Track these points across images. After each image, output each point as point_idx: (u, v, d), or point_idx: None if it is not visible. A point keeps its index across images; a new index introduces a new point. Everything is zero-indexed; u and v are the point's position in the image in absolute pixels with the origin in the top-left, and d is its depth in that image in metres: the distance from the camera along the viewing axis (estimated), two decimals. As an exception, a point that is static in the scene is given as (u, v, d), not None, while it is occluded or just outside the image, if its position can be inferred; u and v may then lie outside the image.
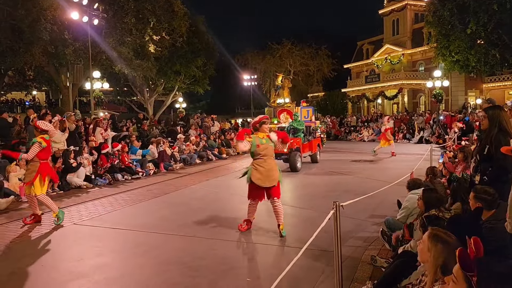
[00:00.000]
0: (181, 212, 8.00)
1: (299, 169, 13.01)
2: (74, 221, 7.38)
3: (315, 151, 15.20)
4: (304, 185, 10.97)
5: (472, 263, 2.07)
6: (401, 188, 7.96)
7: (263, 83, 48.82)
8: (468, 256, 2.11)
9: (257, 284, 4.44)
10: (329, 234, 3.80)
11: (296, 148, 13.35)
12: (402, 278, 3.63)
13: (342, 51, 47.39)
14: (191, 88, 31.83)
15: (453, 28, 23.93)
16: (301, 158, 13.47)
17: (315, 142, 15.34)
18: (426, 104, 37.58)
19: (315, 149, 15.20)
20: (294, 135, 13.76)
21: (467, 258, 2.09)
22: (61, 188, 10.25)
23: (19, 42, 16.83)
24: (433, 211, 4.19)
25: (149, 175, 13.01)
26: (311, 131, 15.33)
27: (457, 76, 31.98)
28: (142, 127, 18.04)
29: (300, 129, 14.03)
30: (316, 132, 15.85)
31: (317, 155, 15.31)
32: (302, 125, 14.25)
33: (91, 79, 19.81)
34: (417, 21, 39.21)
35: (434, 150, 12.59)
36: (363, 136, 27.34)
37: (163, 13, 23.54)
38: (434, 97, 24.90)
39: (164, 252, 5.56)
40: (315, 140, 15.38)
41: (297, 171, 12.87)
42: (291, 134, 13.75)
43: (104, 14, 19.45)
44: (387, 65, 41.24)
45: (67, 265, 5.10)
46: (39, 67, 21.10)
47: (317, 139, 15.68)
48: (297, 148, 13.44)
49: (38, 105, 35.98)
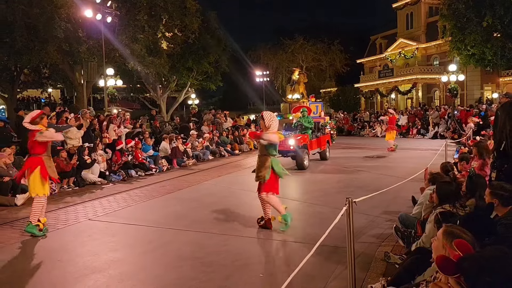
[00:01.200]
0: (194, 208, 8.06)
1: (306, 167, 12.56)
2: (89, 216, 7.48)
3: (324, 148, 14.70)
4: (316, 181, 10.94)
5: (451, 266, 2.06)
6: (415, 184, 7.90)
7: (275, 79, 48.71)
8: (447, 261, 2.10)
9: (269, 280, 4.45)
10: (342, 231, 3.78)
11: (303, 145, 12.86)
12: (416, 274, 3.60)
13: (355, 46, 47.00)
14: (204, 85, 31.89)
15: (469, 21, 23.51)
16: (309, 156, 13.03)
17: (324, 139, 14.82)
18: (441, 99, 37.07)
19: (324, 146, 14.70)
20: (301, 132, 13.42)
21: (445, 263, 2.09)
22: (76, 184, 10.41)
23: (34, 40, 17.06)
24: (448, 206, 4.13)
25: (162, 171, 13.11)
26: (320, 127, 14.89)
27: (472, 70, 31.46)
28: (154, 123, 18.18)
29: (308, 125, 13.59)
30: (325, 128, 15.39)
31: (326, 152, 14.80)
32: (311, 123, 13.83)
33: (105, 76, 20.00)
34: (431, 15, 38.60)
35: (449, 146, 12.42)
36: (377, 132, 27.11)
37: (175, 9, 23.59)
38: (449, 92, 24.54)
39: (177, 247, 5.60)
40: (324, 136, 14.85)
41: (304, 169, 12.43)
42: (298, 130, 13.50)
43: (117, 12, 19.60)
44: (401, 59, 40.74)
45: (83, 259, 5.18)
46: (54, 65, 21.34)
47: (326, 135, 15.16)
48: (304, 145, 12.94)
49: (53, 102, 36.54)
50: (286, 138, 12.26)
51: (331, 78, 51.40)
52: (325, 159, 14.63)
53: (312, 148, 13.55)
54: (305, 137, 13.10)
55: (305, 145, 12.89)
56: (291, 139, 12.36)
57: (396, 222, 5.57)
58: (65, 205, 8.48)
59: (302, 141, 12.77)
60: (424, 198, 5.30)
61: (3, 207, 8.27)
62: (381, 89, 40.20)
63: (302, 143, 12.74)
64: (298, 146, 12.47)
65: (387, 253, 4.78)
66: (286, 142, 12.21)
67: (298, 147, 12.43)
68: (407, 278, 3.64)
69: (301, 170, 12.28)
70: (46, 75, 26.28)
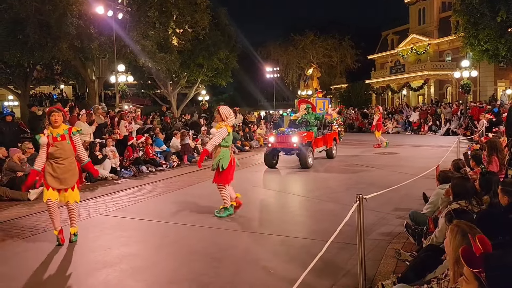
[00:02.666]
0: (204, 203, 8.09)
1: (310, 165, 12.07)
2: (101, 212, 7.56)
3: (331, 146, 14.15)
4: (326, 178, 10.91)
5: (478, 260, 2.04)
6: (426, 181, 7.84)
7: (286, 75, 48.56)
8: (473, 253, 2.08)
9: (280, 276, 4.46)
10: (352, 227, 3.78)
11: (308, 143, 12.33)
12: (427, 271, 3.58)
13: (366, 42, 46.59)
14: (214, 81, 31.98)
15: (483, 16, 23.12)
16: (313, 154, 12.58)
17: (331, 136, 14.29)
18: (453, 95, 36.63)
19: (331, 144, 14.15)
20: (306, 129, 12.96)
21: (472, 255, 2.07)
22: (88, 179, 10.51)
23: (46, 37, 17.24)
24: (463, 203, 4.08)
25: (173, 167, 13.18)
26: (327, 124, 14.33)
27: (486, 66, 31.00)
28: (164, 119, 18.27)
29: (313, 122, 13.16)
30: (332, 125, 14.86)
31: (333, 150, 14.29)
32: (319, 118, 13.44)
33: (116, 73, 20.16)
34: (444, 10, 38.07)
35: (461, 142, 12.28)
36: (388, 128, 26.91)
37: (186, 6, 23.66)
38: (462, 88, 24.20)
39: (188, 243, 5.64)
40: (331, 134, 14.32)
41: (308, 167, 11.95)
42: (303, 127, 13.07)
43: (128, 8, 19.72)
44: (412, 55, 40.31)
45: (95, 254, 5.25)
46: (66, 61, 21.58)
47: (333, 132, 14.61)
48: (309, 142, 12.40)
49: (65, 98, 36.93)
50: (289, 136, 12.12)
51: (341, 74, 51.10)
52: (331, 157, 14.19)
53: (317, 146, 13.12)
54: (309, 134, 12.63)
55: (309, 143, 12.42)
56: (294, 137, 12.03)
57: (407, 219, 5.53)
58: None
59: (306, 139, 12.27)
60: (435, 197, 5.25)
61: (17, 201, 8.40)
62: (393, 85, 39.84)
63: (306, 140, 12.25)
64: (302, 143, 12.05)
65: (397, 250, 4.75)
66: (289, 139, 12.02)
67: (301, 145, 12.02)
68: (418, 275, 3.62)
69: (305, 168, 11.89)
70: (58, 71, 26.59)
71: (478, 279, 2.04)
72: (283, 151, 12.52)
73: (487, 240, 2.12)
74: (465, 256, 2.06)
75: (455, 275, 2.54)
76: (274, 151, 12.44)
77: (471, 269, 2.05)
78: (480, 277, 2.02)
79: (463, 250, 2.08)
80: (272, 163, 12.44)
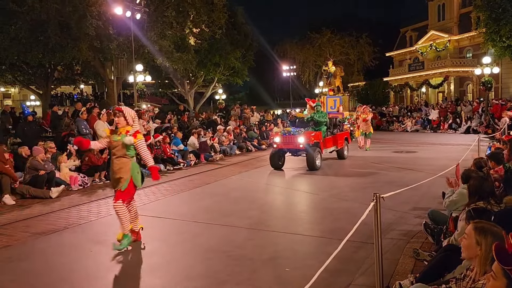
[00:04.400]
0: (221, 202, 8.14)
1: (318, 167, 11.40)
2: (120, 209, 7.67)
3: (342, 146, 13.48)
4: (343, 176, 10.84)
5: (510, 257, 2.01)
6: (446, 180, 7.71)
7: (302, 74, 48.35)
8: (506, 250, 2.04)
9: (296, 274, 4.47)
10: (369, 226, 3.75)
11: (315, 143, 11.63)
12: (445, 272, 3.53)
13: (384, 39, 45.99)
14: (231, 80, 32.06)
15: (504, 11, 22.60)
16: (321, 155, 11.87)
17: (342, 136, 13.64)
18: (474, 93, 35.86)
19: (342, 144, 13.49)
20: (315, 128, 12.19)
21: (505, 252, 2.03)
22: (107, 177, 10.68)
23: (67, 38, 17.56)
24: (481, 203, 4.02)
25: (190, 165, 13.28)
26: (338, 123, 13.76)
27: (508, 62, 30.24)
28: (182, 118, 18.42)
29: (322, 121, 12.30)
30: (343, 125, 14.24)
31: (344, 151, 13.63)
32: (325, 117, 12.57)
33: (134, 72, 20.41)
34: (464, 6, 37.29)
35: (482, 141, 12.04)
36: (406, 126, 26.56)
37: (203, 5, 23.76)
38: (483, 85, 23.72)
39: (205, 240, 5.69)
40: (341, 133, 13.68)
41: (316, 169, 11.29)
42: (311, 127, 12.30)
43: (146, 9, 19.89)
44: (432, 52, 39.61)
45: (114, 251, 5.34)
46: (85, 62, 21.93)
47: (344, 132, 14.03)
48: (316, 143, 11.69)
49: (85, 98, 37.57)
50: (295, 136, 11.51)
51: (359, 72, 50.58)
52: (342, 158, 13.58)
53: (326, 147, 12.43)
54: (317, 134, 11.91)
55: (317, 143, 11.73)
56: (300, 137, 11.44)
57: (426, 219, 5.47)
58: (97, 198, 8.74)
59: (313, 139, 11.60)
60: (458, 196, 5.15)
61: (39, 199, 8.60)
62: (411, 82, 39.23)
63: (313, 141, 11.57)
64: (309, 144, 11.42)
65: (416, 250, 4.70)
66: (296, 140, 11.48)
67: (308, 146, 11.40)
68: (436, 275, 3.58)
69: (312, 170, 11.28)
70: (78, 71, 27.06)
71: (507, 276, 2.01)
72: (290, 152, 12.06)
73: None
74: (498, 253, 2.03)
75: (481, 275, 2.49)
76: (280, 151, 11.96)
77: (503, 266, 2.02)
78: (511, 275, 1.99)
79: (496, 247, 2.05)
80: (278, 165, 11.96)
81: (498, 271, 2.05)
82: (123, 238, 5.24)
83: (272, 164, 11.97)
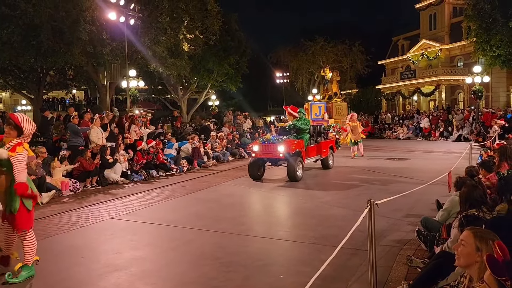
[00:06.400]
0: (214, 208, 8.11)
1: (299, 178, 10.67)
2: (112, 215, 7.62)
3: (326, 155, 12.68)
4: (337, 183, 10.86)
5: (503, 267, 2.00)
6: (438, 188, 7.78)
7: (296, 80, 48.58)
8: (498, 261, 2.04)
9: (289, 281, 4.44)
10: (363, 233, 3.75)
11: (296, 152, 10.90)
12: (439, 278, 3.54)
13: (376, 47, 46.44)
14: (224, 86, 32.14)
15: (495, 21, 22.96)
16: (303, 164, 11.13)
17: (327, 144, 12.86)
18: (465, 101, 36.26)
19: (327, 153, 12.69)
20: (297, 136, 11.46)
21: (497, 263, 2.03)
22: (99, 183, 10.61)
23: (59, 43, 17.47)
24: (473, 210, 4.05)
25: (183, 171, 13.23)
26: (322, 131, 12.96)
27: (498, 71, 30.66)
28: (175, 124, 18.37)
29: (304, 129, 11.55)
30: (328, 133, 13.48)
31: (329, 160, 12.85)
32: (308, 124, 11.80)
33: (127, 78, 20.35)
34: (455, 15, 37.83)
35: (473, 149, 12.15)
36: (398, 134, 26.74)
37: (197, 12, 23.84)
38: (474, 94, 23.98)
39: (197, 247, 5.65)
40: (326, 142, 12.89)
41: (297, 180, 10.57)
42: (293, 135, 11.55)
43: (139, 14, 19.89)
44: (423, 60, 40.07)
45: (105, 257, 5.28)
46: (78, 67, 21.84)
47: (329, 140, 13.22)
48: (298, 152, 10.95)
49: (77, 103, 37.35)
50: (275, 144, 10.87)
51: (352, 80, 50.90)
52: (327, 167, 12.81)
53: (309, 156, 11.71)
54: (299, 142, 11.18)
55: (298, 152, 10.99)
56: (280, 146, 10.70)
57: (419, 226, 5.48)
58: (88, 203, 8.66)
59: (294, 148, 10.84)
60: (449, 204, 5.19)
61: (29, 204, 8.48)
62: (403, 90, 39.59)
63: (294, 149, 10.80)
64: (290, 153, 10.67)
65: (409, 257, 4.71)
66: (275, 148, 10.79)
67: (289, 155, 10.63)
68: (430, 282, 3.59)
69: (293, 181, 10.55)
70: (71, 76, 26.90)
71: (501, 286, 2.00)
72: (269, 162, 11.42)
73: (504, 246, 2.09)
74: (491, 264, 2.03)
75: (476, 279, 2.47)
76: (260, 161, 11.28)
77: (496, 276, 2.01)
78: (506, 285, 1.98)
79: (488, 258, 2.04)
80: (257, 175, 11.19)
81: (492, 281, 2.05)
82: (22, 269, 4.53)
83: (250, 174, 11.22)
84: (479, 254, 2.46)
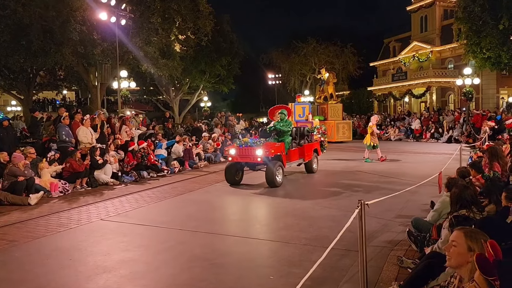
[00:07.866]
0: (205, 209, 8.06)
1: (279, 184, 9.99)
2: (102, 217, 7.53)
3: (310, 159, 11.97)
4: (327, 183, 10.86)
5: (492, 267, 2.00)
6: (429, 188, 7.81)
7: (288, 82, 48.66)
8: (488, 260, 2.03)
9: (280, 282, 4.42)
10: (354, 234, 3.74)
11: (276, 156, 10.19)
12: (429, 279, 3.54)
13: (368, 49, 46.67)
14: (216, 87, 32.10)
15: (485, 24, 23.19)
16: (283, 169, 10.41)
17: (311, 147, 12.15)
18: (455, 103, 36.60)
19: (310, 156, 11.97)
20: (277, 139, 10.84)
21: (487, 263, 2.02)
22: (89, 184, 10.50)
23: (50, 43, 17.32)
24: (464, 211, 4.06)
25: (174, 173, 13.15)
26: (306, 133, 12.19)
27: (488, 73, 30.98)
28: (166, 125, 18.28)
29: (285, 131, 10.92)
30: (312, 135, 12.80)
31: (313, 164, 12.14)
32: (289, 126, 11.11)
33: (119, 79, 20.21)
34: (446, 18, 38.19)
35: (463, 150, 12.23)
36: (390, 135, 26.87)
37: (189, 12, 23.77)
38: (464, 95, 24.20)
39: (188, 248, 5.61)
40: (310, 144, 12.18)
41: (276, 186, 9.89)
42: (273, 137, 10.94)
43: (131, 15, 19.80)
44: (414, 62, 40.37)
45: (94, 259, 5.21)
46: (69, 67, 21.68)
47: (313, 143, 12.52)
48: (277, 156, 10.26)
49: (68, 104, 37.07)
50: (252, 148, 10.13)
51: (343, 81, 51.09)
52: (311, 172, 12.13)
53: (290, 160, 11.02)
54: (279, 146, 10.54)
55: (278, 156, 10.31)
56: (258, 149, 9.96)
57: (409, 226, 5.50)
58: (78, 205, 8.56)
59: (273, 151, 10.14)
60: (440, 204, 5.20)
61: (17, 206, 8.38)
62: (395, 92, 39.85)
63: (273, 153, 10.10)
64: (268, 157, 9.96)
65: (400, 257, 4.71)
66: (253, 152, 10.05)
67: (267, 159, 9.92)
68: (420, 283, 3.59)
69: (272, 187, 9.88)
70: (61, 77, 26.70)
71: (490, 287, 1.99)
72: (248, 166, 10.76)
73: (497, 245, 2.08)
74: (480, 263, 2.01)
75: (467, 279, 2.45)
76: (238, 165, 10.62)
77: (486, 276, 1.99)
78: (495, 285, 1.97)
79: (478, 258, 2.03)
80: (234, 180, 10.51)
81: (481, 281, 2.04)
82: None
83: (227, 179, 10.58)
84: (472, 254, 2.43)
